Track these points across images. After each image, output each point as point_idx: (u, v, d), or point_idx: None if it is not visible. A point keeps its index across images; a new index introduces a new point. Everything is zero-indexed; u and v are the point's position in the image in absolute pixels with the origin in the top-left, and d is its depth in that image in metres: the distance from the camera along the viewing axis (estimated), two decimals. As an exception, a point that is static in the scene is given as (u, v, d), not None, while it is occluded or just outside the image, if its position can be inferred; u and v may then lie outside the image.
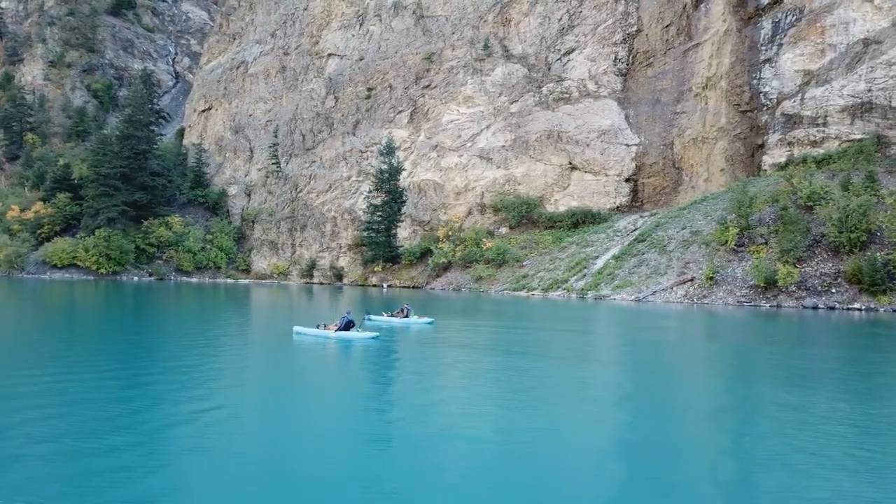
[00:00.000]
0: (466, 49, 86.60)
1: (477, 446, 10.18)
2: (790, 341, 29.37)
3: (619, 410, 13.74)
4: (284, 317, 39.07)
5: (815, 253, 50.50)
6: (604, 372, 19.20)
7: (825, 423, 12.26)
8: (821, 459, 9.87)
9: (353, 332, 23.54)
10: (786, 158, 65.29)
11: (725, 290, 50.74)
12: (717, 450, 10.75)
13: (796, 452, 10.18)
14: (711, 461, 10.11)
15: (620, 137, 74.90)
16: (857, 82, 62.35)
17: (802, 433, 11.39)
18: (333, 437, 10.88)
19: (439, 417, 12.27)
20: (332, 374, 18.43)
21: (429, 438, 10.65)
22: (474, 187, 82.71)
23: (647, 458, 9.92)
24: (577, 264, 63.49)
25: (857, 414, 13.27)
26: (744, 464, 9.94)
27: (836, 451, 10.42)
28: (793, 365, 21.03)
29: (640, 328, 34.53)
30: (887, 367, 21.89)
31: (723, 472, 9.60)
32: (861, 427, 12.03)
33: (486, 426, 11.68)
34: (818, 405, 14.06)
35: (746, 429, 12.15)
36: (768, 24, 69.31)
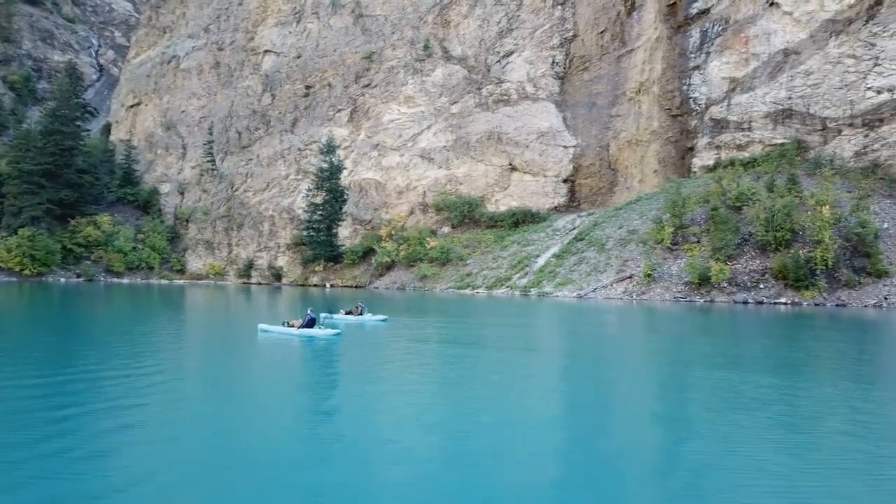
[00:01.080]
0: (407, 49, 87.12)
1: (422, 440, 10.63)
2: (723, 332, 31.52)
3: (563, 396, 14.78)
4: (226, 316, 38.84)
5: (743, 251, 53.61)
6: (557, 362, 20.36)
7: (755, 400, 13.96)
8: (746, 429, 11.44)
9: (315, 329, 23.96)
10: (714, 161, 68.80)
11: (663, 287, 53.22)
12: (650, 419, 12.47)
13: (727, 425, 11.70)
14: (645, 434, 11.50)
15: (558, 139, 77.08)
16: (779, 90, 66.29)
17: (733, 410, 13.04)
18: (282, 433, 10.97)
19: (391, 410, 12.88)
20: (295, 371, 18.62)
21: (390, 425, 11.31)
22: (416, 187, 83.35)
23: (589, 442, 10.81)
24: (520, 262, 65.08)
25: (781, 390, 15.08)
26: (677, 432, 11.56)
27: (759, 419, 12.17)
28: (725, 352, 22.91)
29: (590, 323, 36.04)
30: (806, 351, 23.91)
31: (657, 438, 11.09)
32: (782, 401, 13.74)
33: (438, 417, 12.46)
34: (749, 384, 15.72)
35: (682, 404, 14.13)
36: (697, 33, 72.77)
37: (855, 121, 61.50)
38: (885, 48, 61.25)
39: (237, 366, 18.99)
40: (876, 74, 61.26)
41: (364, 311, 30.86)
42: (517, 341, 25.93)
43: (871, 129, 60.78)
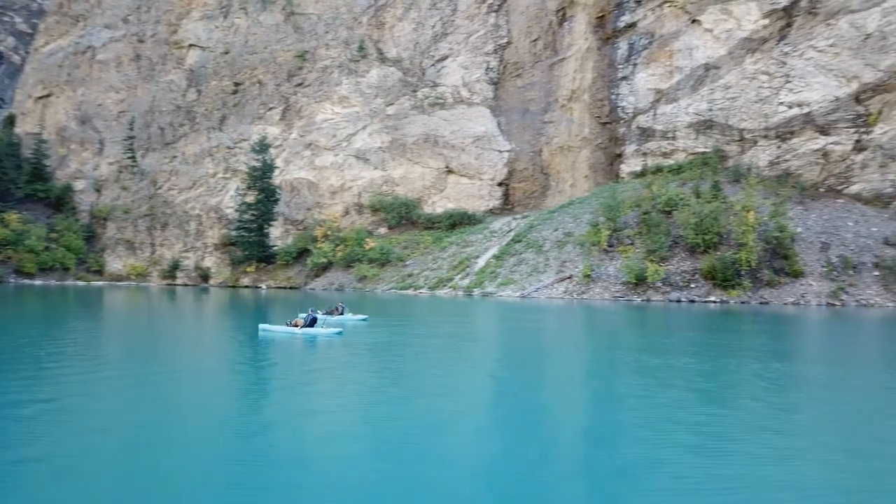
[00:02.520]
0: (341, 49, 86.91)
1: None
2: (660, 326, 34.20)
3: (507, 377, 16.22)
4: (154, 321, 38.09)
5: (674, 252, 57.10)
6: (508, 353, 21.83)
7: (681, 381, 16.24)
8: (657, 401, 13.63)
9: (317, 328, 24.43)
10: (641, 167, 72.62)
11: (601, 287, 55.91)
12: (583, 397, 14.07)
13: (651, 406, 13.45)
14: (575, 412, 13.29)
15: (493, 144, 79.07)
16: (700, 102, 70.79)
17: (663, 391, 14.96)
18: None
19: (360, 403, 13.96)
20: (298, 368, 19.10)
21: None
22: (351, 187, 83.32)
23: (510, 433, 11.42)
24: (460, 263, 66.46)
25: (703, 372, 17.56)
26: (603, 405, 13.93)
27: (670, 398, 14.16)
28: (662, 341, 25.36)
29: (540, 320, 37.74)
30: (719, 343, 26.39)
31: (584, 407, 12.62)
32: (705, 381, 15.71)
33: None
34: (678, 368, 18.12)
35: (617, 383, 16.80)
36: (624, 46, 76.53)
37: (769, 133, 66.58)
38: (795, 66, 66.65)
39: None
40: (787, 91, 66.54)
41: (345, 310, 31.26)
42: (495, 340, 27.27)
43: (784, 140, 65.99)
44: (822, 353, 24.66)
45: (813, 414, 13.18)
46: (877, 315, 43.77)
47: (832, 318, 41.45)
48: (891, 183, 60.75)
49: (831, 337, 31.92)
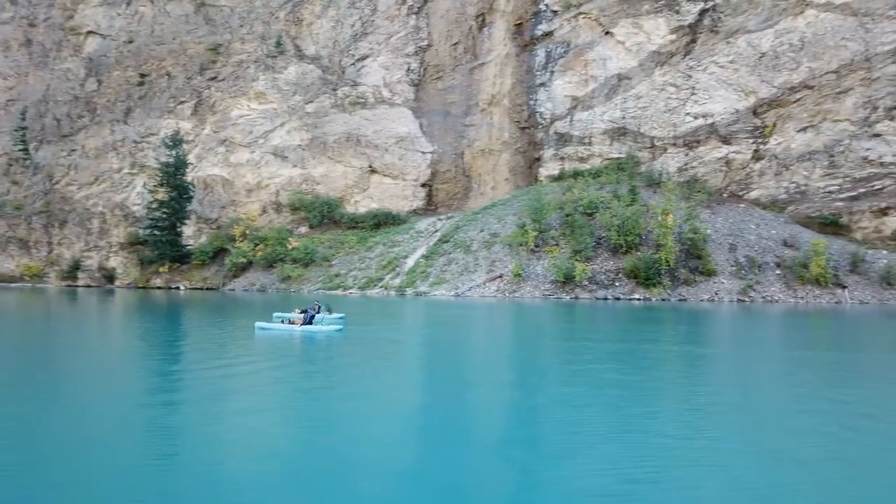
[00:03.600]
0: (257, 44, 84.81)
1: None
2: (587, 320, 36.46)
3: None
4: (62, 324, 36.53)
5: (598, 253, 60.19)
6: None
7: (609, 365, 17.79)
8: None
9: (316, 324, 24.62)
10: (559, 171, 75.77)
11: (532, 285, 58.08)
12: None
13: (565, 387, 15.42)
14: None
15: (416, 145, 79.85)
16: (614, 110, 74.79)
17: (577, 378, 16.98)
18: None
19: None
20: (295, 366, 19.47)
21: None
22: (268, 185, 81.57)
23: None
24: (389, 263, 66.80)
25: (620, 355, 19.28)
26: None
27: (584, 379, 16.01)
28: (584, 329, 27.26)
29: (482, 317, 39.15)
30: (638, 334, 29.05)
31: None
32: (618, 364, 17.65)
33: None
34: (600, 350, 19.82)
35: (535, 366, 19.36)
36: (542, 53, 79.50)
37: (678, 141, 71.42)
38: (699, 80, 71.85)
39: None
40: (693, 102, 71.62)
41: (322, 309, 31.13)
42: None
43: (691, 148, 71.00)
44: (728, 341, 27.40)
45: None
46: (780, 309, 48.25)
47: (741, 312, 45.27)
48: (784, 190, 66.83)
49: (740, 329, 35.26)
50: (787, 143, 67.40)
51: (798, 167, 66.68)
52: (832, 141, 65.68)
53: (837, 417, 12.31)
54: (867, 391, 15.62)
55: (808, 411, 13.05)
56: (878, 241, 61.68)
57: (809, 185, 65.88)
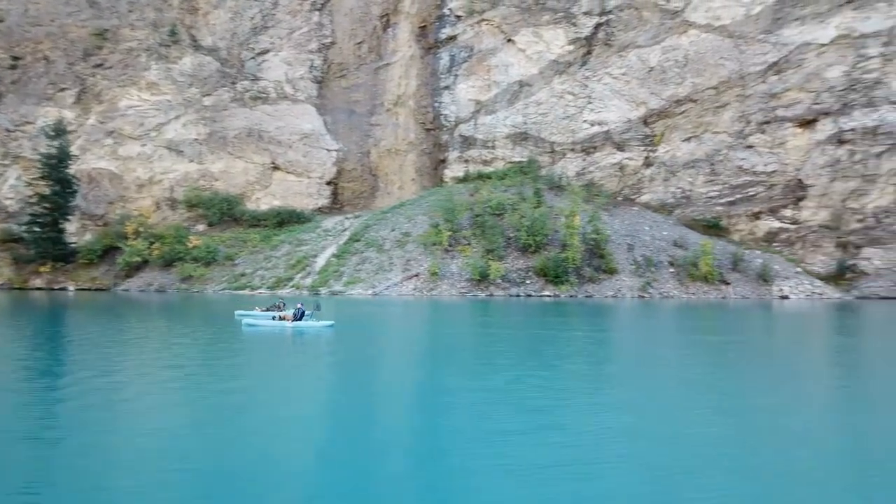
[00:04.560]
0: (149, 32, 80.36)
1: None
2: (501, 314, 38.55)
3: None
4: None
5: (509, 252, 62.52)
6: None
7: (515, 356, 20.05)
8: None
9: (306, 321, 24.69)
10: (463, 173, 77.71)
11: (448, 283, 59.42)
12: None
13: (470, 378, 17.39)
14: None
15: (321, 142, 78.96)
16: (516, 115, 77.75)
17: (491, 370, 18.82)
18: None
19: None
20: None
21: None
22: (161, 180, 77.63)
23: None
24: (298, 262, 65.77)
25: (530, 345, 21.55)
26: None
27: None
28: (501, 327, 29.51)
29: (406, 314, 40.13)
30: (543, 327, 31.73)
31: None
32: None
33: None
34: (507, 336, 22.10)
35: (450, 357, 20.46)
36: (446, 57, 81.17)
37: (576, 147, 75.45)
38: (595, 90, 76.30)
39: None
40: (589, 110, 75.93)
41: (285, 306, 30.80)
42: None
43: (588, 154, 75.23)
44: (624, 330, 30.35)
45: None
46: (674, 304, 52.57)
47: (641, 306, 48.97)
48: (672, 194, 72.44)
49: (639, 319, 38.58)
50: (674, 152, 73.10)
51: (683, 174, 72.52)
52: (712, 151, 72.01)
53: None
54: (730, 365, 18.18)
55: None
56: (753, 242, 68.42)
57: (693, 191, 71.85)
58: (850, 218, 66.70)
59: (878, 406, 13.83)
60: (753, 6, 72.69)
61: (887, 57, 68.30)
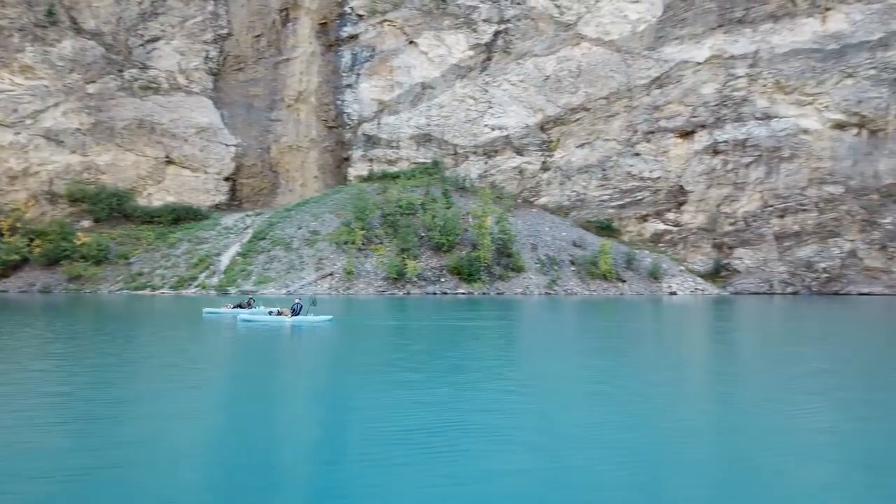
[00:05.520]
0: (22, 10, 73.69)
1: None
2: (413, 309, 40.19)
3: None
4: None
5: (422, 251, 63.56)
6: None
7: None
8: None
9: (303, 316, 24.86)
10: (367, 172, 77.86)
11: (365, 282, 59.52)
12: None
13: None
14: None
15: (219, 136, 76.08)
16: (420, 117, 78.96)
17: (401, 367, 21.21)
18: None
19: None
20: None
21: None
22: (38, 172, 71.64)
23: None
24: (201, 261, 63.15)
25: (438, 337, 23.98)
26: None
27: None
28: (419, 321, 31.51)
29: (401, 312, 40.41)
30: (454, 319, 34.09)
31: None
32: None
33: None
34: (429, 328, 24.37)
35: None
36: (348, 55, 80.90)
37: (478, 150, 77.83)
38: (495, 95, 79.09)
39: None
40: (490, 115, 78.60)
41: (254, 302, 30.30)
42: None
43: (489, 157, 77.85)
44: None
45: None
46: (577, 300, 55.95)
47: (547, 302, 51.77)
48: (567, 197, 76.57)
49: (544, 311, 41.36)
50: (569, 157, 77.32)
51: (578, 178, 76.89)
52: (604, 157, 76.92)
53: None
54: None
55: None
56: (641, 243, 73.85)
57: (587, 194, 76.38)
58: (724, 221, 73.75)
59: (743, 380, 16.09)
60: (639, 24, 78.41)
61: (752, 77, 76.10)
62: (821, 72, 74.30)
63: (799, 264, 70.77)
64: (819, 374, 16.16)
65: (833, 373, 16.23)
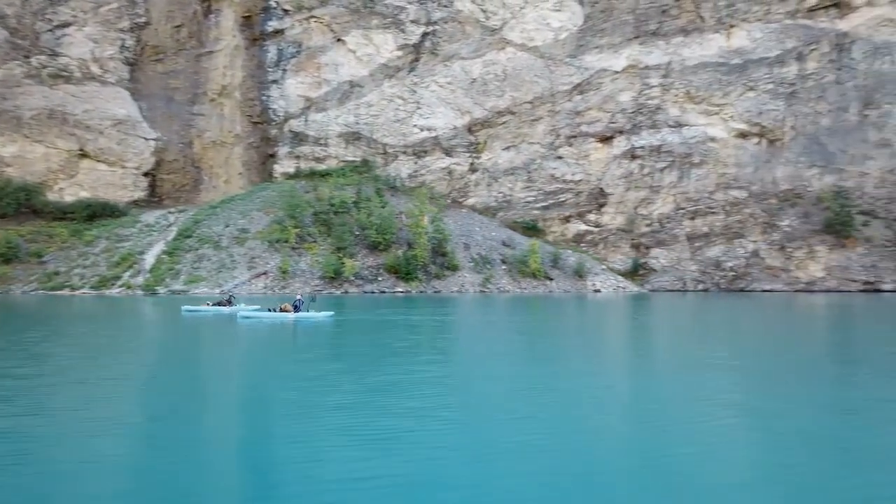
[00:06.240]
0: (-86, -14, 67.86)
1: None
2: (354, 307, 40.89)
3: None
4: None
5: (358, 250, 63.36)
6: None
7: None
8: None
9: (304, 312, 24.96)
10: (294, 170, 76.70)
11: (301, 281, 58.64)
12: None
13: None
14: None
15: (138, 130, 72.69)
16: (348, 115, 78.56)
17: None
18: None
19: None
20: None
21: None
22: (-69, 163, 66.05)
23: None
24: (123, 260, 60.29)
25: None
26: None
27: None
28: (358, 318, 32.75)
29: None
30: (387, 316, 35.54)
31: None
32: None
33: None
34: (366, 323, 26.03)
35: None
36: (274, 50, 79.39)
37: (407, 150, 78.30)
38: (423, 96, 79.84)
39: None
40: (419, 115, 79.27)
41: (234, 300, 29.63)
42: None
43: (419, 157, 78.48)
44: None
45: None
46: (509, 297, 57.60)
47: (482, 299, 53.00)
48: (495, 198, 78.39)
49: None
50: (496, 159, 79.18)
51: (504, 180, 78.86)
52: (528, 160, 79.28)
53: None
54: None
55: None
56: (564, 243, 76.66)
57: (513, 196, 78.47)
58: (641, 223, 77.76)
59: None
60: (561, 32, 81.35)
61: (665, 87, 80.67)
62: (726, 84, 79.77)
63: (708, 263, 75.72)
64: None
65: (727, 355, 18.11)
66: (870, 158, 77.66)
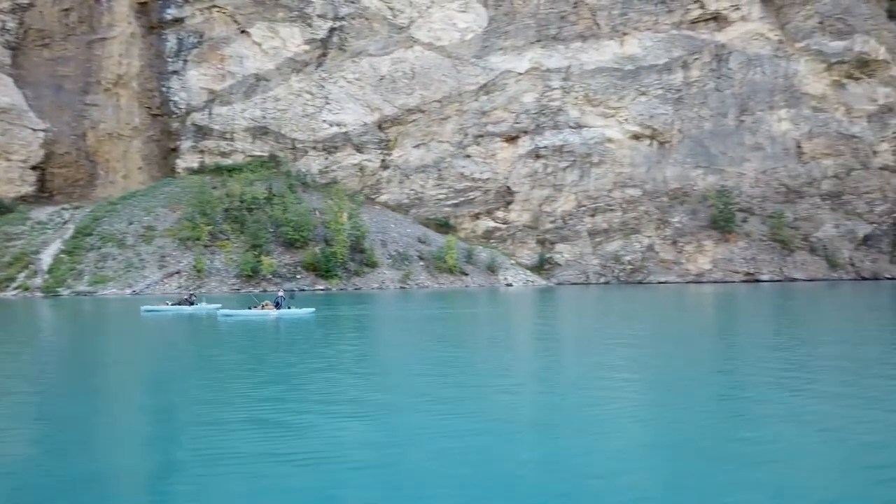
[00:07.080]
0: None
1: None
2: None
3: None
4: None
5: (274, 247, 61.95)
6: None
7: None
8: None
9: (285, 309, 24.70)
10: (198, 164, 73.77)
11: (217, 280, 56.70)
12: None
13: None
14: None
15: (24, 120, 67.19)
16: (255, 109, 76.49)
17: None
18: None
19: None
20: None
21: None
22: None
23: None
24: (17, 260, 55.89)
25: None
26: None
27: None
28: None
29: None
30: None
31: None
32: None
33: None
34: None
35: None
36: (173, 39, 75.93)
37: (317, 145, 77.28)
38: (332, 91, 79.10)
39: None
40: (328, 111, 78.44)
41: (196, 299, 28.42)
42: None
43: (329, 153, 77.66)
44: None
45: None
46: (428, 292, 58.66)
47: (402, 294, 53.53)
48: (407, 196, 78.96)
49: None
50: (407, 157, 79.78)
51: (416, 177, 79.62)
52: (439, 158, 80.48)
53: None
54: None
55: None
56: (475, 239, 78.50)
57: (425, 193, 79.39)
58: (546, 219, 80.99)
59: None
60: (467, 33, 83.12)
61: (566, 89, 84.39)
62: (621, 88, 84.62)
63: (609, 257, 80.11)
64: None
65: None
66: (746, 160, 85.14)
